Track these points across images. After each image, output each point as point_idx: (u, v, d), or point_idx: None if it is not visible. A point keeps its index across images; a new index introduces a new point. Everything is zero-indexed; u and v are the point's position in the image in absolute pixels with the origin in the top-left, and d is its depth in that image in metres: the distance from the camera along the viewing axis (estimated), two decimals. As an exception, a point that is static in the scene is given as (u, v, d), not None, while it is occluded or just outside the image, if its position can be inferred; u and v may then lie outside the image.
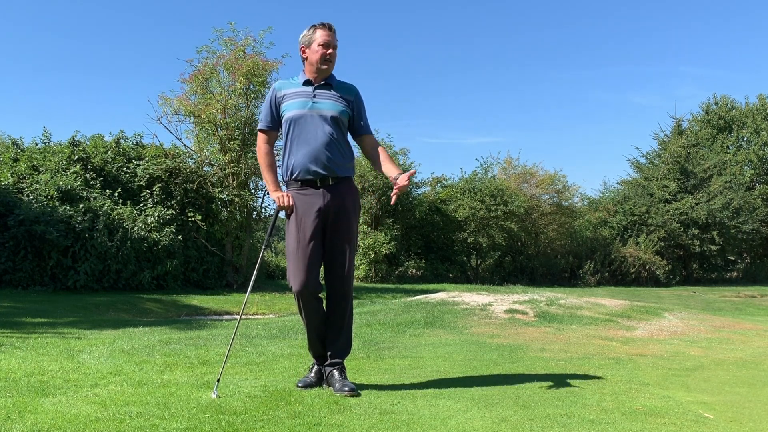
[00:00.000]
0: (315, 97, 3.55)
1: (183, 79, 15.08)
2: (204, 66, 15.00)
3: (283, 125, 3.59)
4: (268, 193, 16.12)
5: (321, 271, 3.60)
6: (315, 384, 3.55)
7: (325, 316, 3.61)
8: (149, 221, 13.51)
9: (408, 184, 3.44)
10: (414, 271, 22.63)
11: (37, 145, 15.42)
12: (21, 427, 2.55)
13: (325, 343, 3.61)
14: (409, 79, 67.71)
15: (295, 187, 3.56)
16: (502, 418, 2.92)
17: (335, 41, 3.57)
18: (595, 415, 3.02)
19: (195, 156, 15.83)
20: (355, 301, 4.50)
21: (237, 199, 15.05)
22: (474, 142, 61.27)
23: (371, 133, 3.73)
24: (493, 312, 7.35)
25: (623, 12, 56.09)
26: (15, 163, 14.36)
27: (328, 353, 3.59)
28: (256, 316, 10.12)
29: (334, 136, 3.51)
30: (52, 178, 13.21)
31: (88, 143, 15.10)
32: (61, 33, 70.22)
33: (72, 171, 13.73)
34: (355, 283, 4.18)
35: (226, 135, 15.05)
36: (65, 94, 74.80)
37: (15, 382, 3.43)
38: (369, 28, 68.33)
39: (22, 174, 13.85)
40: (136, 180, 14.57)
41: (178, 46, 70.70)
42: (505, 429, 2.75)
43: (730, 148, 29.75)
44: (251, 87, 15.00)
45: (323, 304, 3.63)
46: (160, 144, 15.65)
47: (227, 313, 11.11)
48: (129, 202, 13.91)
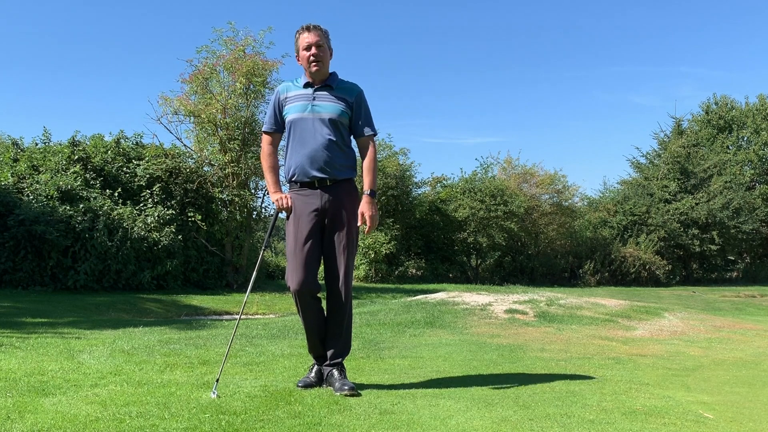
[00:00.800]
0: (314, 99, 3.56)
1: (183, 79, 15.09)
2: (204, 66, 15.00)
3: (285, 127, 3.62)
4: (268, 193, 16.25)
5: (321, 271, 3.61)
6: (315, 384, 3.55)
7: (324, 316, 3.61)
8: (149, 221, 13.51)
9: (369, 221, 3.54)
10: (414, 271, 22.62)
11: (37, 145, 15.41)
12: (21, 427, 2.55)
13: (324, 343, 3.61)
14: (409, 79, 67.74)
15: (294, 188, 3.60)
16: (502, 418, 2.92)
17: (320, 39, 3.55)
18: (595, 415, 3.02)
19: (195, 156, 15.83)
20: (355, 301, 4.50)
21: (237, 199, 15.04)
22: (474, 142, 61.33)
23: (367, 135, 3.65)
24: (493, 312, 7.35)
25: (623, 12, 56.13)
26: (15, 163, 14.36)
27: (328, 353, 3.59)
28: (256, 316, 10.12)
29: (332, 139, 3.52)
30: (52, 178, 13.20)
31: (88, 143, 15.10)
32: (61, 33, 70.29)
33: (72, 171, 13.73)
34: (355, 283, 4.18)
35: (226, 135, 15.04)
36: (65, 94, 74.84)
37: (15, 382, 3.43)
38: (369, 28, 68.38)
39: (22, 174, 13.84)
40: (136, 180, 14.56)
41: (178, 46, 70.74)
42: (505, 429, 2.75)
43: (730, 148, 29.74)
44: (251, 87, 14.99)
45: (322, 304, 3.63)
46: (160, 144, 15.65)
47: (227, 313, 11.11)
48: (129, 202, 13.91)
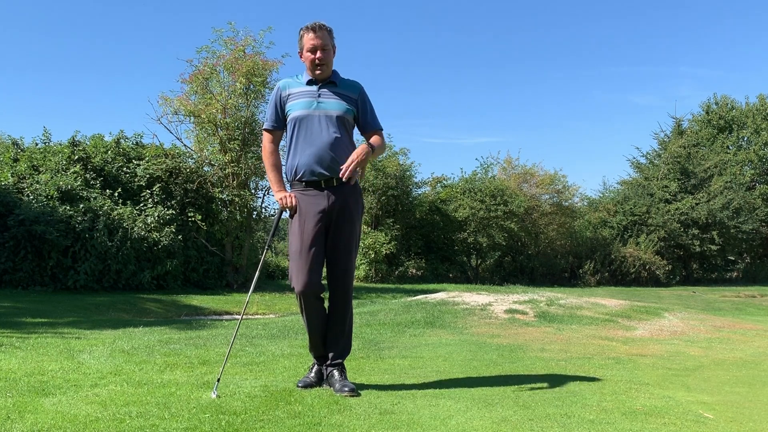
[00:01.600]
0: (320, 96, 3.53)
1: (183, 79, 15.11)
2: (204, 66, 15.01)
3: (288, 125, 3.57)
4: (268, 193, 16.24)
5: (323, 271, 3.60)
6: (315, 384, 3.55)
7: (326, 316, 3.61)
8: (149, 221, 13.51)
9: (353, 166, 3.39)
10: (414, 271, 22.62)
11: (37, 145, 15.42)
12: (21, 427, 2.55)
13: (326, 343, 3.61)
14: (409, 79, 67.71)
15: (299, 188, 3.55)
16: (502, 418, 2.92)
17: (325, 41, 3.51)
18: (595, 415, 3.01)
19: (195, 156, 15.83)
20: (355, 301, 4.50)
21: (237, 199, 15.04)
22: (474, 142, 61.31)
23: (378, 129, 3.68)
24: (493, 312, 7.35)
25: (623, 12, 56.15)
26: (15, 163, 14.36)
27: (329, 354, 3.59)
28: (256, 316, 10.12)
29: (339, 137, 3.48)
30: (52, 178, 13.21)
31: (88, 143, 15.11)
32: (61, 33, 70.25)
33: (72, 171, 13.73)
34: (355, 283, 4.18)
35: (226, 135, 15.05)
36: (65, 94, 74.82)
37: (15, 382, 3.42)
38: (369, 28, 68.36)
39: (22, 174, 13.85)
40: (136, 180, 14.57)
41: (178, 46, 70.70)
42: (505, 429, 2.75)
43: (731, 148, 29.74)
44: (251, 87, 14.99)
45: (325, 304, 3.62)
46: (160, 144, 15.66)
47: (227, 313, 11.11)
48: (129, 202, 13.91)
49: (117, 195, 13.81)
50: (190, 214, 14.64)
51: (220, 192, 15.07)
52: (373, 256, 20.07)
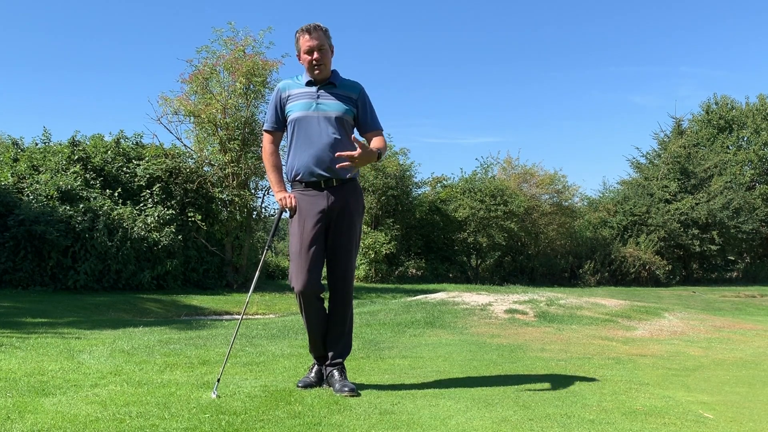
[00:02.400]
0: (319, 97, 3.52)
1: (183, 79, 15.12)
2: (204, 66, 15.01)
3: (288, 126, 3.57)
4: (268, 193, 16.27)
5: (323, 271, 3.60)
6: (315, 384, 3.54)
7: (326, 316, 3.60)
8: (149, 221, 13.52)
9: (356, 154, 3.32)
10: (414, 271, 22.63)
11: (37, 145, 15.43)
12: (21, 427, 2.55)
13: (326, 343, 3.61)
14: (409, 79, 67.70)
15: (299, 188, 3.55)
16: (502, 418, 2.92)
17: (321, 41, 3.50)
18: (595, 415, 3.01)
19: (195, 156, 15.84)
20: (355, 301, 4.50)
21: (237, 199, 15.05)
22: (474, 142, 61.30)
23: (379, 129, 3.66)
24: (493, 312, 7.35)
25: (624, 12, 56.15)
26: (15, 163, 14.37)
27: (329, 354, 3.58)
28: (256, 316, 10.12)
29: (338, 138, 3.47)
30: (52, 178, 13.21)
31: (88, 143, 15.12)
32: (61, 32, 70.26)
33: (72, 171, 13.74)
34: (355, 283, 4.18)
35: (226, 135, 15.05)
36: (65, 93, 74.78)
37: (15, 382, 3.42)
38: (369, 28, 68.36)
39: (22, 174, 13.85)
40: (136, 180, 14.57)
41: (178, 46, 70.67)
42: (505, 429, 2.75)
43: (731, 148, 29.75)
44: (251, 87, 15.00)
45: (325, 305, 3.62)
46: (160, 144, 15.66)
47: (227, 313, 11.11)
48: (129, 202, 13.91)
49: (117, 195, 13.82)
50: (190, 214, 14.64)
51: (220, 192, 15.07)
52: (373, 256, 20.08)
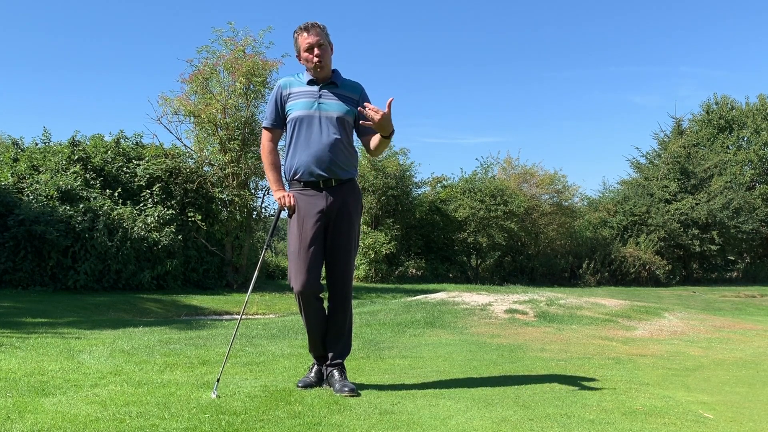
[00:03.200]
0: (321, 97, 3.51)
1: (183, 79, 15.10)
2: (204, 66, 15.00)
3: (288, 124, 3.54)
4: (268, 193, 16.27)
5: (323, 271, 3.59)
6: (315, 384, 3.54)
7: (325, 316, 3.60)
8: (149, 221, 13.51)
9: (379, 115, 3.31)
10: (414, 271, 22.63)
11: (37, 145, 15.42)
12: (21, 427, 2.55)
13: (325, 343, 3.60)
14: (409, 79, 67.68)
15: (298, 188, 3.53)
16: (502, 418, 2.92)
17: (320, 38, 3.48)
18: (595, 415, 3.01)
19: (195, 156, 15.83)
20: (355, 301, 4.50)
21: (237, 199, 15.04)
22: (474, 142, 61.30)
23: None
24: (493, 312, 7.35)
25: (624, 12, 56.11)
26: (15, 163, 14.36)
27: (329, 354, 3.58)
28: (256, 316, 10.12)
29: (338, 138, 3.46)
30: (52, 178, 13.21)
31: (88, 143, 15.11)
32: (61, 33, 70.24)
33: (72, 171, 13.73)
34: (355, 283, 4.18)
35: (226, 135, 15.05)
36: (65, 93, 74.76)
37: (15, 382, 3.42)
38: (369, 28, 68.34)
39: (22, 174, 13.85)
40: (136, 180, 14.57)
41: (178, 46, 70.66)
42: (505, 429, 2.75)
43: (731, 148, 29.74)
44: (251, 87, 14.99)
45: (324, 304, 3.62)
46: (160, 144, 15.65)
47: (227, 313, 11.11)
48: (129, 202, 13.91)
49: (117, 195, 13.81)
50: (190, 214, 14.64)
51: (220, 192, 15.07)
52: (373, 256, 20.08)
